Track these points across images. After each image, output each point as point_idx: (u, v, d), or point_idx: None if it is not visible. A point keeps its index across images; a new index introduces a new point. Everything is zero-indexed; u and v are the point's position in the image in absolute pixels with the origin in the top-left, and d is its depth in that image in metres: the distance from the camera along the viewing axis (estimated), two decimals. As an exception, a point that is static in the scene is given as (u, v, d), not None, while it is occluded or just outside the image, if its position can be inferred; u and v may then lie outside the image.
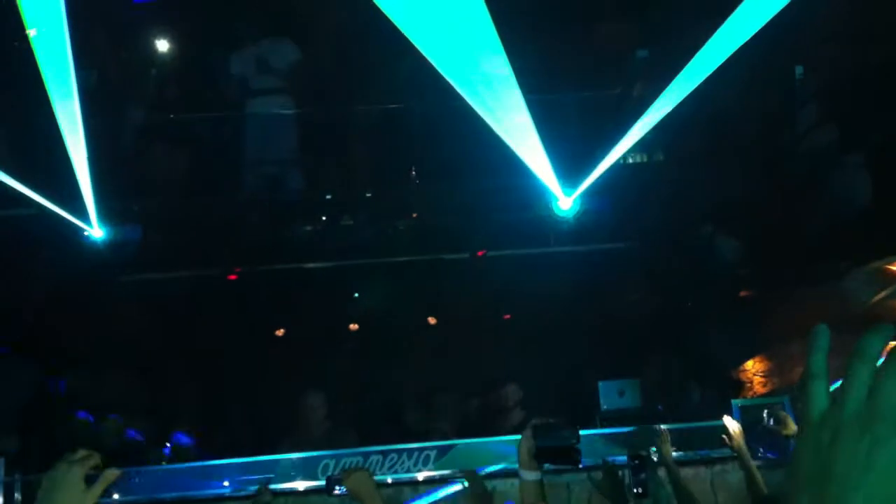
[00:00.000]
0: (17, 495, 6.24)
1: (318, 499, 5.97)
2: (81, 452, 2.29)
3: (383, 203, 8.89)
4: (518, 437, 3.09)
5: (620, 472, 4.68)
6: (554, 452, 3.07)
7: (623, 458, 5.36)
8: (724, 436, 5.14)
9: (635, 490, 4.49)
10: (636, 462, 4.72)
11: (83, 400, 8.17)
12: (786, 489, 0.91)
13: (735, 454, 5.25)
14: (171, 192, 8.70)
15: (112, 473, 2.29)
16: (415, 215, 9.19)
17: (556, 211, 8.17)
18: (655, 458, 5.24)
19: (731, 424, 5.15)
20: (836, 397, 0.88)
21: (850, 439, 0.85)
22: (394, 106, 8.86)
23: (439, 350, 9.06)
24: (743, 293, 9.48)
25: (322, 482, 6.47)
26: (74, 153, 6.86)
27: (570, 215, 8.22)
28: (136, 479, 6.44)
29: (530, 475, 3.08)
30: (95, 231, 7.26)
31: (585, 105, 8.66)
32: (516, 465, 3.09)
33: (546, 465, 3.09)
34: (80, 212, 7.23)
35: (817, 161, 8.26)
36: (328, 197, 8.72)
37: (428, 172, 8.73)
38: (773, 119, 8.65)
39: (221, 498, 6.83)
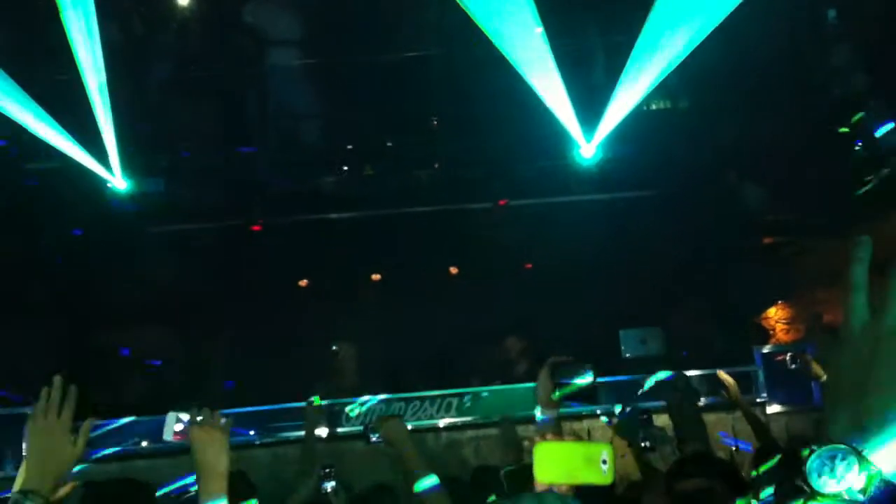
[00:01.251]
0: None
1: (346, 445, 6.06)
2: (56, 388, 2.25)
3: (405, 153, 8.85)
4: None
5: (644, 416, 4.72)
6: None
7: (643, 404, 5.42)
8: (722, 391, 5.22)
9: (643, 444, 4.52)
10: (645, 416, 4.77)
11: (113, 353, 8.32)
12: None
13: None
14: (194, 144, 8.73)
15: (90, 423, 2.30)
16: (437, 165, 9.16)
17: (579, 159, 8.11)
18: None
19: (726, 378, 5.24)
20: (876, 310, 0.88)
21: (891, 350, 0.85)
22: (414, 54, 8.78)
23: (461, 299, 9.09)
24: (768, 240, 9.41)
25: (350, 428, 6.62)
26: (99, 108, 6.89)
27: (593, 163, 8.15)
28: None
29: (548, 414, 3.04)
30: (119, 182, 7.31)
31: (608, 50, 8.53)
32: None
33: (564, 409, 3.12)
34: (105, 164, 7.27)
35: (847, 105, 8.11)
36: (349, 147, 8.70)
37: (449, 122, 8.67)
38: (803, 63, 8.49)
39: (253, 445, 6.97)
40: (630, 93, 7.55)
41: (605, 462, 1.97)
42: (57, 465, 2.18)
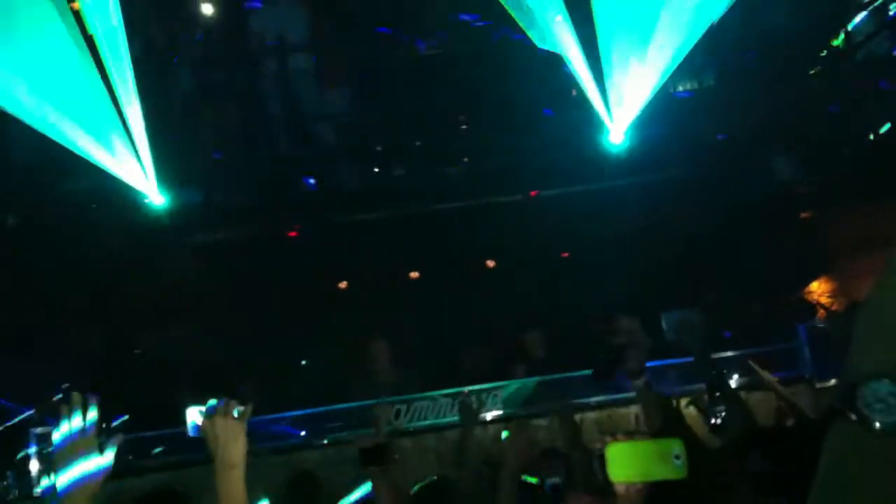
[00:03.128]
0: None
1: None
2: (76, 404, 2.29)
3: (434, 150, 8.88)
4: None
5: (674, 402, 4.68)
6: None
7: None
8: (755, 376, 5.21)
9: (712, 421, 4.46)
10: (717, 394, 4.69)
11: (153, 359, 8.44)
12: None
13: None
14: (225, 151, 8.81)
15: (120, 437, 2.35)
16: (466, 160, 9.18)
17: (608, 145, 8.07)
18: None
19: (753, 364, 5.27)
20: None
21: None
22: (438, 52, 8.81)
23: (499, 292, 9.09)
24: (804, 214, 9.31)
25: (391, 428, 6.66)
26: (133, 123, 6.97)
27: (622, 148, 8.12)
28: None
29: (639, 381, 3.46)
30: (156, 198, 7.40)
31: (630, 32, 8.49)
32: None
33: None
34: (141, 180, 7.36)
35: (874, 70, 8.02)
36: (378, 148, 8.74)
37: (476, 116, 8.68)
38: (828, 29, 8.39)
39: (296, 448, 7.04)
40: (655, 73, 7.49)
41: (677, 457, 1.99)
42: (87, 479, 2.23)
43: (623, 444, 2.01)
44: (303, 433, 7.08)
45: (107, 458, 2.29)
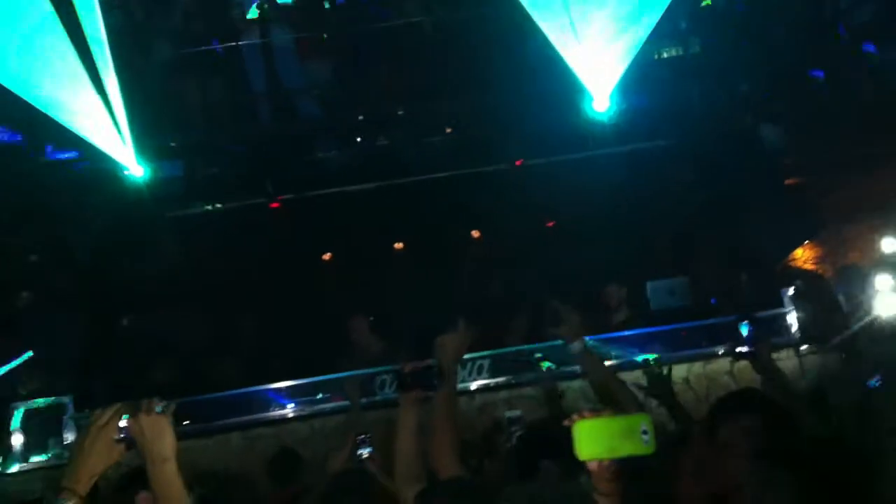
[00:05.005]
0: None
1: (375, 413, 6.09)
2: (109, 411, 2.35)
3: (417, 120, 8.80)
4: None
5: (665, 369, 4.65)
6: None
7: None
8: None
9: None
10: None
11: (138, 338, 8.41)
12: None
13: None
14: (206, 124, 8.73)
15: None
16: (449, 130, 9.11)
17: (592, 112, 8.00)
18: None
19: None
20: None
21: None
22: (417, 19, 8.72)
23: (485, 262, 9.08)
24: (790, 181, 9.30)
25: (380, 397, 6.66)
26: (110, 94, 6.88)
27: (607, 116, 8.05)
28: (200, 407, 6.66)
29: (576, 346, 3.64)
30: (136, 170, 7.31)
31: None
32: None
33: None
34: (120, 152, 7.27)
35: (861, 37, 7.98)
36: (361, 118, 8.67)
37: (459, 85, 8.60)
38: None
39: (282, 420, 7.05)
40: (635, 37, 7.41)
41: (645, 432, 1.98)
42: (93, 467, 2.31)
43: (590, 421, 2.00)
44: (290, 405, 7.07)
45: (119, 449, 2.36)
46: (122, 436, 2.31)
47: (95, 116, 6.74)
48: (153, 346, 8.29)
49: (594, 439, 1.99)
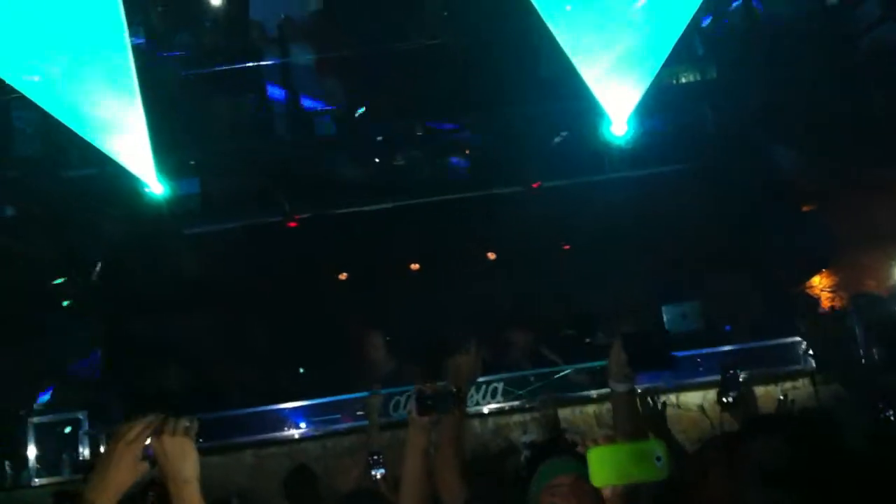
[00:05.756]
0: (103, 447, 6.51)
1: (390, 434, 6.09)
2: (138, 426, 2.35)
3: (435, 140, 8.83)
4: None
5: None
6: (647, 359, 3.08)
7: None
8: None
9: (724, 399, 4.49)
10: (730, 372, 4.71)
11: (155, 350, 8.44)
12: None
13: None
14: (224, 142, 8.78)
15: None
16: (467, 151, 9.13)
17: (609, 136, 8.01)
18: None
19: None
20: None
21: None
22: (438, 41, 8.76)
23: (501, 284, 9.08)
24: (806, 206, 9.28)
25: (393, 418, 6.65)
26: (131, 111, 6.92)
27: (625, 139, 8.06)
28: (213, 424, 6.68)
29: (621, 386, 3.14)
30: (156, 187, 7.36)
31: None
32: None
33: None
34: (142, 168, 7.32)
35: (880, 59, 7.95)
36: (379, 138, 8.71)
37: (478, 107, 8.63)
38: (831, 17, 8.33)
39: (294, 440, 7.05)
40: (655, 62, 7.42)
41: (658, 458, 1.99)
42: (120, 483, 2.30)
43: (604, 447, 2.01)
44: (302, 424, 7.08)
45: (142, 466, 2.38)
46: (146, 454, 2.32)
47: (120, 133, 6.79)
48: (167, 361, 8.33)
49: (608, 466, 2.01)
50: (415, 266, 9.76)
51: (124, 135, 6.74)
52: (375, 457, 5.07)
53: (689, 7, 6.81)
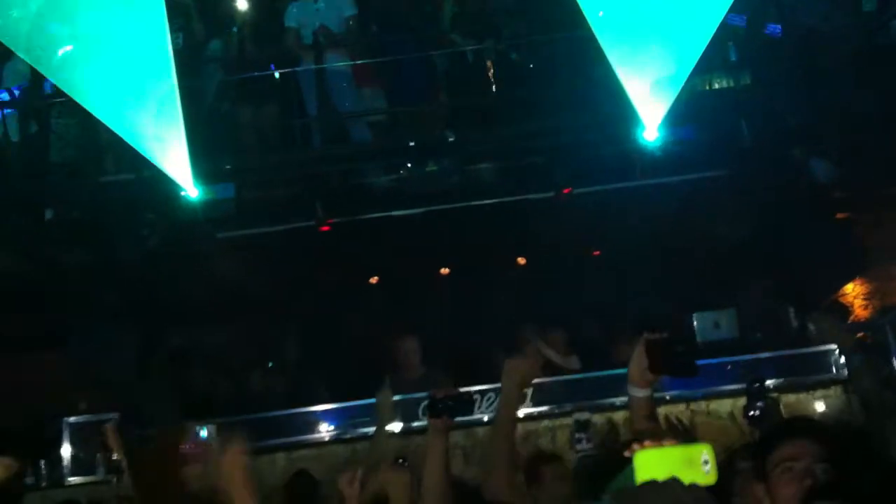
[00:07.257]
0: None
1: (420, 439, 6.11)
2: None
3: (466, 146, 8.87)
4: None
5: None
6: (668, 365, 3.05)
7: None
8: None
9: (751, 413, 4.48)
10: (756, 385, 4.70)
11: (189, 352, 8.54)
12: None
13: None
14: (259, 148, 8.89)
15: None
16: (498, 157, 9.17)
17: (642, 142, 8.01)
18: None
19: None
20: None
21: None
22: (469, 48, 8.82)
23: (530, 290, 9.08)
24: (839, 215, 9.20)
25: (422, 423, 6.68)
26: (174, 116, 7.03)
27: (657, 146, 8.05)
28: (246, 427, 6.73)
29: (641, 392, 3.09)
30: (192, 191, 7.46)
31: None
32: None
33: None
34: (179, 173, 7.42)
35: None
36: (411, 144, 8.76)
37: (509, 113, 8.66)
38: (865, 27, 8.27)
39: (323, 443, 7.10)
40: (687, 68, 7.40)
41: (706, 462, 1.99)
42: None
43: (652, 450, 2.01)
44: (332, 428, 7.12)
45: None
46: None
47: (160, 138, 6.90)
48: (200, 364, 8.42)
49: (654, 469, 2.00)
50: (445, 271, 9.80)
51: (164, 140, 6.84)
52: (400, 461, 5.10)
53: (718, 12, 6.80)
